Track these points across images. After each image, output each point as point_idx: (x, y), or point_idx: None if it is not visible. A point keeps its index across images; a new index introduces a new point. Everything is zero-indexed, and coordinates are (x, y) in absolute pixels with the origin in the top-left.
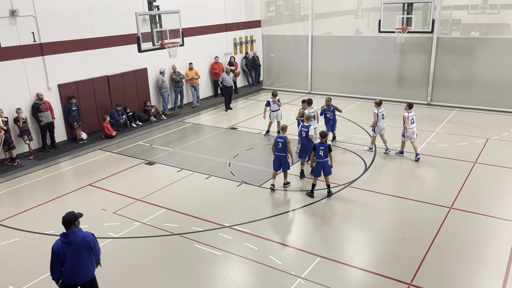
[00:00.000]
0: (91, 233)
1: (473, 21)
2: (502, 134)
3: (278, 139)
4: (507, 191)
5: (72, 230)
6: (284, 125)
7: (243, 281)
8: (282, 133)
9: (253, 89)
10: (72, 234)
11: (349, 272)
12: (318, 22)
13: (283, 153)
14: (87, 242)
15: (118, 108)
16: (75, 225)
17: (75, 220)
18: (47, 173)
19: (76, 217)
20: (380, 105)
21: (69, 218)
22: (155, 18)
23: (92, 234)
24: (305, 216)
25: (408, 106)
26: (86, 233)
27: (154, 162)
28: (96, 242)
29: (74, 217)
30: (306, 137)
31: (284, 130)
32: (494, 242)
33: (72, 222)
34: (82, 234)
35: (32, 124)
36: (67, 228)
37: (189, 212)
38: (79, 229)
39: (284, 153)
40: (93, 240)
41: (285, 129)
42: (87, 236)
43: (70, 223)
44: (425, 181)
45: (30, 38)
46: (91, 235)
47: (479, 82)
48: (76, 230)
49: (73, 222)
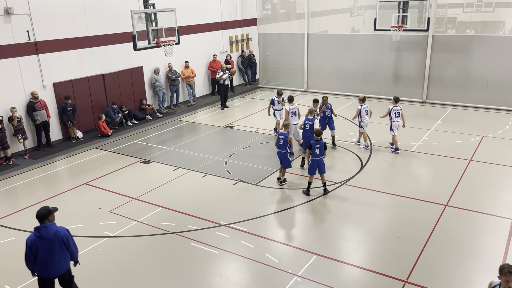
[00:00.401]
0: (65, 229)
1: (468, 19)
2: (497, 132)
3: (280, 136)
4: (502, 188)
5: (44, 224)
6: (287, 122)
7: (239, 279)
8: (284, 130)
9: (249, 87)
10: (44, 228)
11: (345, 269)
12: (314, 20)
13: (283, 150)
14: (60, 237)
15: (114, 106)
16: (49, 219)
17: (48, 214)
18: (43, 172)
19: (50, 211)
20: (364, 102)
21: (42, 213)
22: (151, 16)
23: (66, 230)
24: (301, 214)
25: (394, 100)
26: (59, 228)
27: (150, 160)
28: (70, 238)
29: (47, 211)
30: (310, 130)
31: (286, 128)
32: (489, 239)
33: (46, 217)
34: (55, 229)
35: (27, 123)
36: (40, 223)
37: (185, 211)
38: (52, 223)
39: (284, 150)
40: (66, 236)
41: (287, 126)
42: (60, 231)
43: (43, 217)
44: (421, 178)
45: (25, 36)
46: (65, 231)
47: (474, 80)
48: (48, 224)
49: (46, 216)
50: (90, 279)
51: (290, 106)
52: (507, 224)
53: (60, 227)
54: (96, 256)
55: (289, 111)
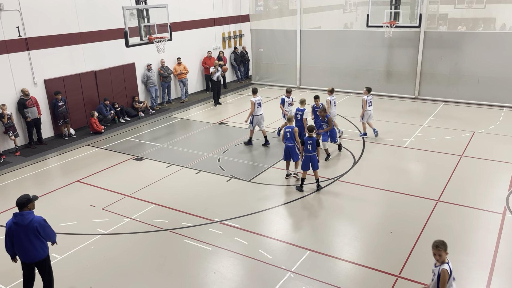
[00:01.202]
0: (41, 219)
1: (460, 16)
2: (488, 128)
3: (287, 129)
4: (493, 183)
5: (22, 212)
6: (290, 116)
7: (233, 276)
8: (289, 123)
9: (242, 84)
10: (21, 216)
11: (338, 265)
12: (306, 17)
13: (292, 143)
14: (34, 227)
15: (106, 103)
16: (28, 207)
17: (27, 202)
18: (34, 170)
19: (29, 200)
20: (332, 93)
21: (21, 201)
22: (143, 13)
23: (43, 220)
24: (294, 210)
25: (367, 90)
26: (35, 218)
27: (142, 157)
28: (45, 228)
29: (27, 200)
30: (301, 120)
31: (290, 121)
32: (480, 234)
33: (24, 205)
34: (31, 218)
35: (18, 120)
36: (19, 210)
37: (178, 208)
38: (29, 212)
39: (292, 143)
40: (41, 226)
41: (291, 119)
42: (35, 221)
43: (22, 205)
44: (413, 174)
45: (15, 32)
46: (40, 221)
47: (465, 76)
48: (25, 213)
49: (26, 204)
50: (83, 276)
51: (256, 98)
52: (497, 219)
53: (37, 216)
54: (89, 254)
55: (255, 102)
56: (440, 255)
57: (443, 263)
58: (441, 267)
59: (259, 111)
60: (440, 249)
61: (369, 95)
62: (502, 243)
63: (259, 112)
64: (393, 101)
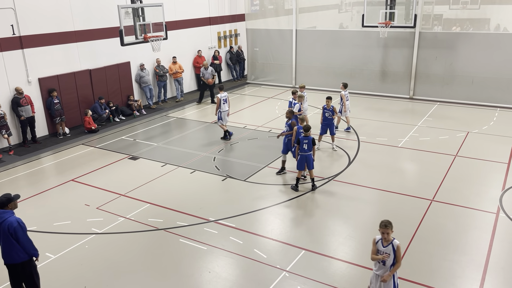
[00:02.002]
0: (17, 222)
1: (454, 16)
2: (482, 128)
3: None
4: (487, 183)
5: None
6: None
7: (228, 275)
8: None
9: (238, 83)
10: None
11: (333, 264)
12: (302, 16)
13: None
14: (6, 228)
15: (101, 102)
16: (9, 207)
17: (8, 202)
18: (28, 169)
19: (9, 199)
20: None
21: (1, 201)
22: (138, 11)
23: (18, 223)
24: (289, 209)
25: (343, 85)
26: (11, 219)
27: (137, 157)
28: (19, 232)
29: (7, 199)
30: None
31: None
32: (474, 234)
33: (5, 205)
34: (6, 218)
35: (11, 119)
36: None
37: (173, 207)
38: (7, 212)
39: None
40: (13, 228)
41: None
42: (11, 223)
43: (2, 205)
44: (407, 174)
45: (9, 31)
46: (14, 223)
47: (460, 76)
48: (2, 211)
49: (6, 204)
50: (77, 276)
51: (222, 94)
52: (491, 219)
53: (13, 217)
54: (84, 253)
55: (221, 99)
56: (388, 233)
57: (393, 240)
58: (396, 243)
59: (225, 107)
60: (388, 228)
61: (346, 90)
62: (496, 242)
63: (225, 108)
64: (388, 101)
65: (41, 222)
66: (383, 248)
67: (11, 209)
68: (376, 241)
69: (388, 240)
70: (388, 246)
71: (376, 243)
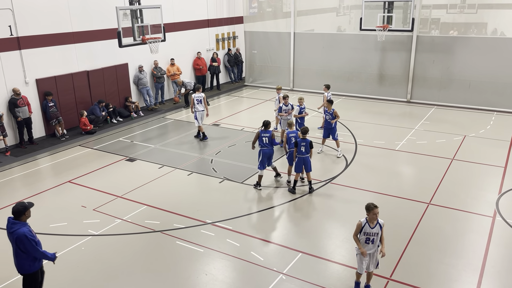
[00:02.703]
0: (24, 232)
1: (452, 20)
2: (479, 132)
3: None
4: (483, 187)
5: (10, 220)
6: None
7: (225, 278)
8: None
9: (236, 85)
10: (8, 223)
11: (330, 267)
12: (300, 19)
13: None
14: (14, 239)
15: (101, 105)
16: (25, 215)
17: (25, 210)
18: (25, 170)
19: (26, 207)
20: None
21: (18, 209)
22: (136, 13)
23: (23, 235)
24: (286, 212)
25: (326, 87)
26: (20, 230)
27: (135, 158)
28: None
29: (24, 208)
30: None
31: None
32: (470, 237)
33: (22, 213)
34: (16, 229)
35: (8, 119)
36: (16, 218)
37: (170, 209)
38: (18, 223)
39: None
40: (22, 241)
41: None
42: (18, 234)
43: (19, 213)
44: (404, 177)
45: (7, 31)
46: (23, 236)
47: (457, 80)
48: (13, 222)
49: (23, 212)
50: (73, 278)
51: (196, 95)
52: (488, 222)
53: (22, 229)
54: (80, 255)
55: (194, 98)
56: (376, 214)
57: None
58: (381, 222)
59: (200, 107)
60: (378, 208)
61: (328, 92)
62: (492, 246)
63: (199, 109)
64: (385, 104)
65: (37, 223)
66: (372, 229)
67: (26, 217)
68: (363, 224)
69: (375, 221)
70: (375, 226)
71: (363, 227)
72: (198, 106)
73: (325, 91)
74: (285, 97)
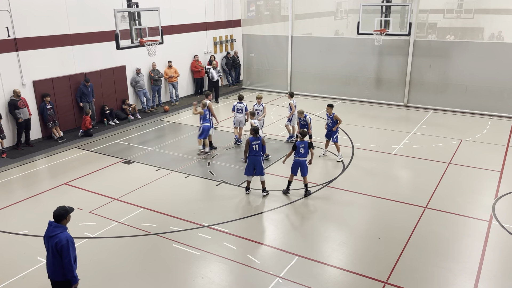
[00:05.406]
0: (67, 240)
1: (449, 25)
2: (475, 136)
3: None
4: (480, 191)
5: (54, 223)
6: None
7: (221, 281)
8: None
9: (233, 88)
10: (49, 226)
11: (326, 271)
12: (298, 23)
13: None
14: (54, 244)
15: (87, 84)
16: (66, 219)
17: (66, 214)
18: (21, 172)
19: (67, 211)
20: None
21: (59, 213)
22: (134, 15)
23: (65, 240)
24: (283, 215)
25: (290, 95)
26: (60, 235)
27: (131, 161)
28: (64, 252)
29: (65, 211)
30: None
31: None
32: (467, 241)
33: (63, 217)
34: (56, 233)
35: (6, 121)
36: (57, 222)
37: (167, 212)
38: (60, 227)
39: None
40: (61, 246)
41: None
42: (58, 239)
43: (60, 217)
44: (401, 181)
45: (4, 33)
46: (64, 241)
47: (453, 84)
48: (54, 225)
49: (64, 216)
50: None
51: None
52: (484, 226)
53: (65, 234)
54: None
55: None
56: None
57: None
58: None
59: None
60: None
61: (293, 99)
62: (488, 250)
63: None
64: (382, 108)
65: (33, 225)
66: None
67: (67, 221)
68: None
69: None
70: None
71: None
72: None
73: (289, 98)
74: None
